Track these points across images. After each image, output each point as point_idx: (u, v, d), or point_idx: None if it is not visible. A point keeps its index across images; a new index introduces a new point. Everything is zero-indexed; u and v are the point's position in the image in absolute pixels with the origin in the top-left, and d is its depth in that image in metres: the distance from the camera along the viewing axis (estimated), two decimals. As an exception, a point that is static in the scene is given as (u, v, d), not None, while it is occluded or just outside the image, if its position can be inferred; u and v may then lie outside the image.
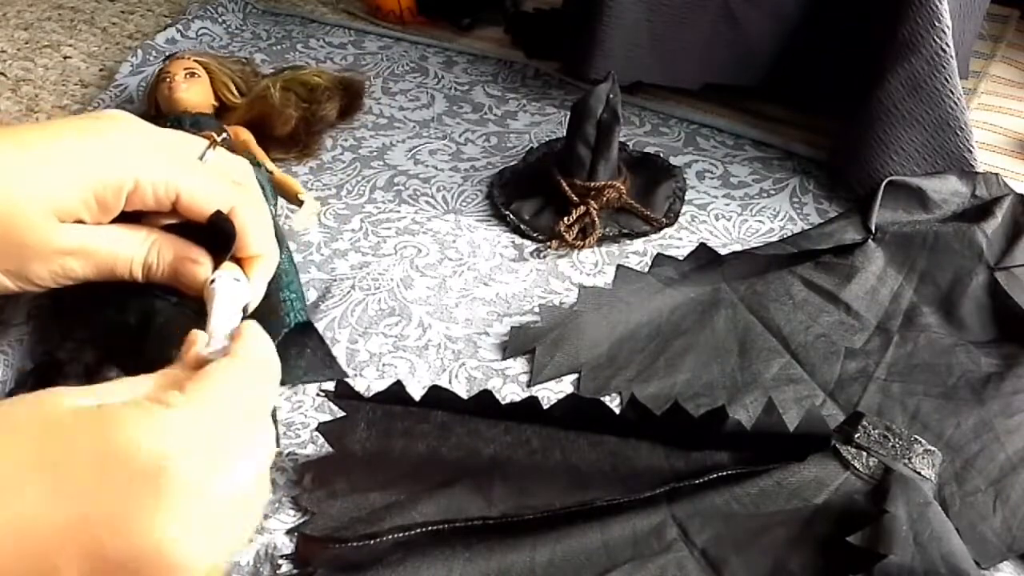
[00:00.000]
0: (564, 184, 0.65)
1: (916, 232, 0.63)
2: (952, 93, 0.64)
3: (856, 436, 0.47)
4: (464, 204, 0.70)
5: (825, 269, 0.62)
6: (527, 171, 0.72)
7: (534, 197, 0.68)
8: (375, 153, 0.76)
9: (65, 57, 0.94)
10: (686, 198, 0.70)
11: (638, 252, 0.65)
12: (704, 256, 0.63)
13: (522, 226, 0.66)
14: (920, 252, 0.62)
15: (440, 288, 0.62)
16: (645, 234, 0.66)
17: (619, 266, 0.63)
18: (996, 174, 0.67)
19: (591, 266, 0.64)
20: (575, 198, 0.65)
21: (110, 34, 0.98)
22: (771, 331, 0.58)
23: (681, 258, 0.64)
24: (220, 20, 0.95)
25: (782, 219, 0.68)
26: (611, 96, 0.63)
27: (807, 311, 0.59)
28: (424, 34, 0.93)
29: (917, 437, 0.47)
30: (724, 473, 0.45)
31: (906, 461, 0.46)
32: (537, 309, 0.60)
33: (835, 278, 0.61)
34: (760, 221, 0.68)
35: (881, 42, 0.65)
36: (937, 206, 0.65)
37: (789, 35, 0.73)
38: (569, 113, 0.65)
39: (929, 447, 0.47)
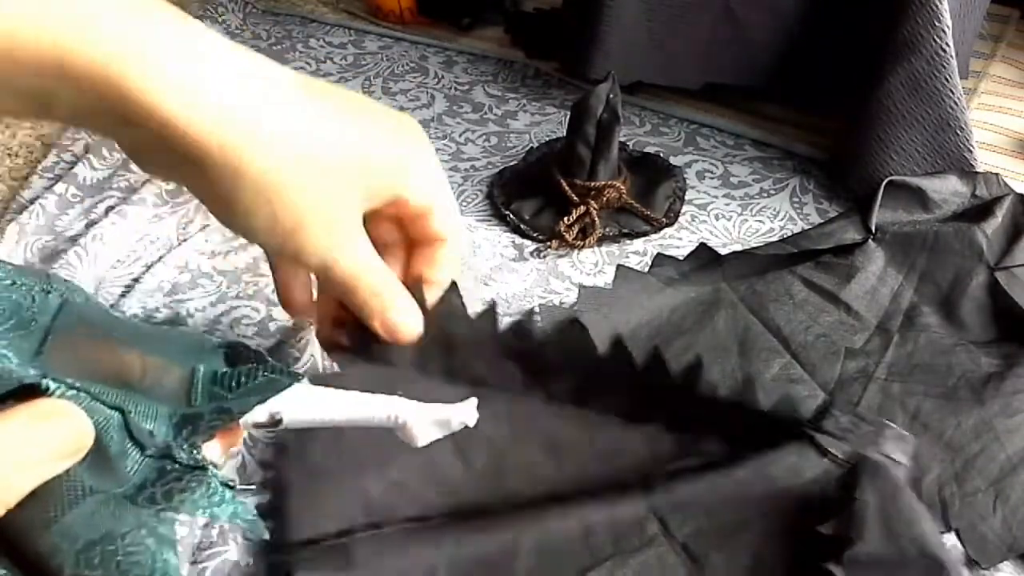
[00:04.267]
0: (564, 184, 0.65)
1: (916, 232, 0.63)
2: (952, 93, 0.64)
3: (825, 423, 0.46)
4: (464, 204, 0.70)
5: (825, 269, 0.62)
6: (527, 171, 0.72)
7: (534, 197, 0.68)
8: (375, 153, 0.76)
9: (65, 57, 0.94)
10: (686, 198, 0.70)
11: (638, 252, 0.65)
12: (704, 256, 0.63)
13: (522, 226, 0.66)
14: (920, 252, 0.62)
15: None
16: (645, 234, 0.66)
17: (619, 266, 0.63)
18: (996, 174, 0.67)
19: (591, 266, 0.64)
20: (575, 198, 0.65)
21: (110, 34, 0.98)
22: (771, 331, 0.58)
23: (681, 258, 0.64)
24: (220, 20, 0.95)
25: (782, 219, 0.68)
26: (611, 96, 0.63)
27: (807, 311, 0.59)
28: (424, 34, 0.93)
29: (887, 422, 0.46)
30: (702, 460, 0.46)
31: (877, 446, 0.46)
32: (537, 309, 0.60)
33: (835, 278, 0.61)
34: (760, 221, 0.68)
35: (881, 42, 0.65)
36: (937, 206, 0.65)
37: (789, 35, 0.73)
38: (569, 113, 0.65)
39: (901, 432, 0.46)
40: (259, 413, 0.29)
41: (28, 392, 0.23)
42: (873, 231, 0.63)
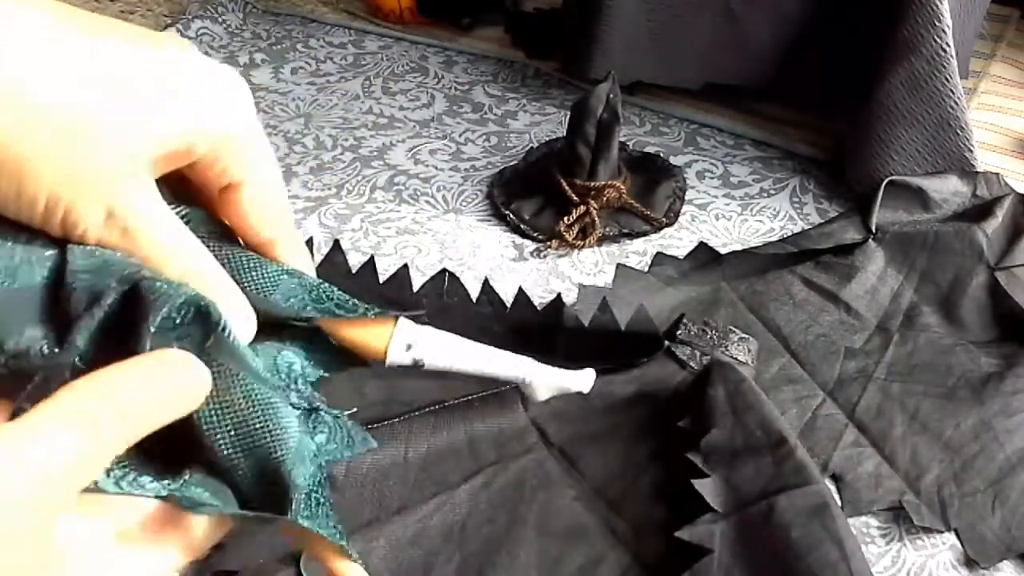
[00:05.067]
0: (564, 184, 0.65)
1: (916, 232, 0.63)
2: (952, 93, 0.64)
3: (679, 332, 0.52)
4: (464, 204, 0.70)
5: (825, 269, 0.62)
6: (527, 171, 0.72)
7: (534, 197, 0.68)
8: (375, 153, 0.76)
9: (65, 57, 0.94)
10: (686, 198, 0.70)
11: (638, 252, 0.65)
12: (704, 255, 0.63)
13: (522, 226, 0.66)
14: (920, 252, 0.62)
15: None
16: (645, 234, 0.66)
17: (619, 265, 0.63)
18: (997, 174, 0.67)
19: (591, 266, 0.64)
20: (575, 198, 0.65)
21: (110, 34, 0.98)
22: (771, 330, 0.58)
23: (681, 257, 0.64)
24: (220, 20, 0.95)
25: (782, 219, 0.68)
26: (611, 96, 0.63)
27: (807, 311, 0.59)
28: (424, 34, 0.93)
29: (732, 328, 0.53)
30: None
31: (723, 349, 0.52)
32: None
33: (835, 278, 0.61)
34: (760, 221, 0.68)
35: (881, 42, 0.65)
36: (938, 206, 0.65)
37: (790, 35, 0.73)
38: (569, 113, 0.65)
39: (744, 335, 0.52)
40: (403, 356, 0.31)
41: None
42: (873, 231, 0.63)
